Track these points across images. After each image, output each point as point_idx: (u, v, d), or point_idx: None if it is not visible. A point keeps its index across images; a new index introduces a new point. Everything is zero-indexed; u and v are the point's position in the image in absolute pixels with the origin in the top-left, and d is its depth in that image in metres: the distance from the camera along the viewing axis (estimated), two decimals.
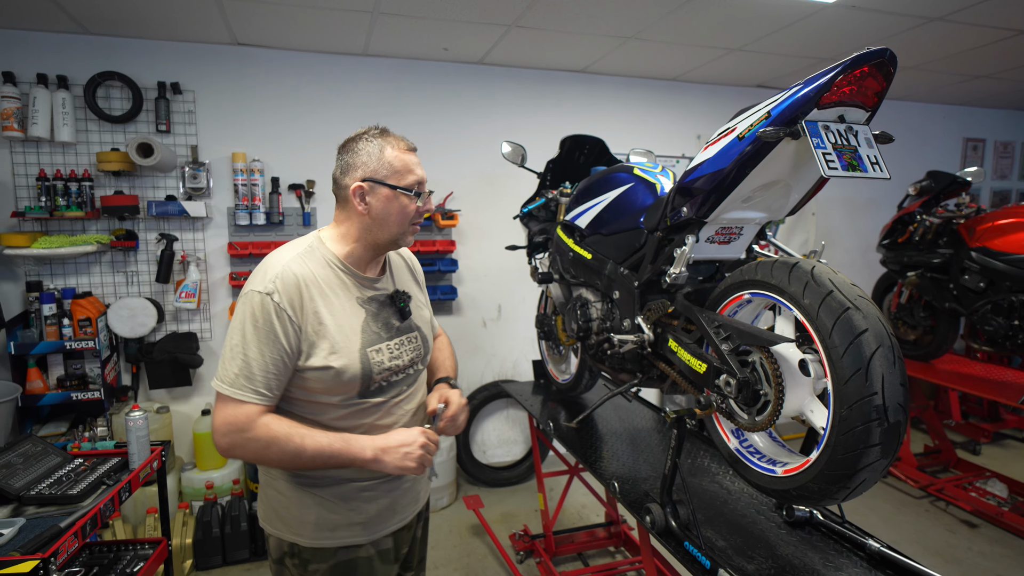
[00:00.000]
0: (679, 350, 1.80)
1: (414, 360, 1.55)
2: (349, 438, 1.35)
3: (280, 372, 1.32)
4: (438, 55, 3.75)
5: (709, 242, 1.81)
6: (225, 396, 1.31)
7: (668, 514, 1.78)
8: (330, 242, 1.47)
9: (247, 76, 3.56)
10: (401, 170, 1.43)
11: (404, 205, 1.44)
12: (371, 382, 1.42)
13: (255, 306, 1.31)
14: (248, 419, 1.29)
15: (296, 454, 1.30)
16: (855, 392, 1.25)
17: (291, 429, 1.31)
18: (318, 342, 1.35)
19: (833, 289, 1.33)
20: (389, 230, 1.45)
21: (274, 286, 1.32)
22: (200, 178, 3.41)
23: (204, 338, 3.59)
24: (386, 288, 1.55)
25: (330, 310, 1.39)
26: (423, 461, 1.39)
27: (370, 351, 1.41)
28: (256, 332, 1.30)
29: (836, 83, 1.34)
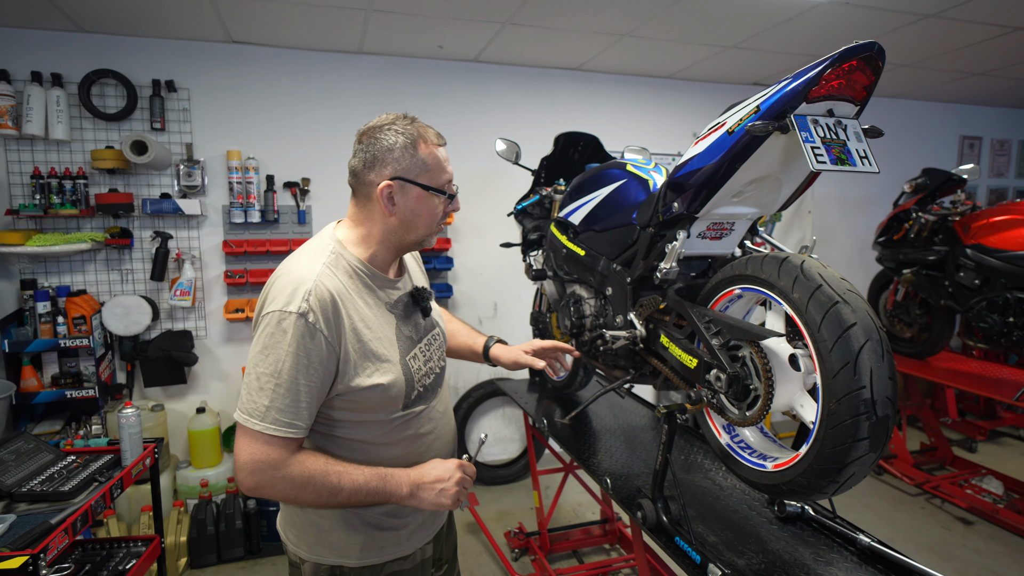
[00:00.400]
0: (671, 345, 1.80)
1: (440, 358, 1.50)
2: (386, 474, 1.25)
3: (316, 401, 1.21)
4: (433, 53, 3.75)
5: (700, 238, 1.81)
6: (252, 431, 1.16)
7: (659, 510, 1.78)
8: (351, 246, 1.33)
9: (242, 74, 3.56)
10: (434, 168, 1.31)
11: (435, 206, 1.34)
12: (412, 391, 1.34)
13: (289, 329, 1.15)
14: (280, 457, 1.16)
15: (332, 494, 1.20)
16: (843, 386, 1.25)
17: (327, 466, 1.21)
18: (361, 362, 1.24)
19: (822, 283, 1.33)
20: (416, 232, 1.34)
21: (308, 305, 1.17)
22: (195, 176, 3.41)
23: (199, 336, 3.59)
24: (404, 286, 1.45)
25: (367, 324, 1.27)
26: (459, 497, 1.31)
27: (408, 359, 1.34)
28: (292, 359, 1.15)
29: (824, 77, 1.34)
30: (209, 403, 3.57)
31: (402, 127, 1.29)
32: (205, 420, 3.37)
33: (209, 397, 3.63)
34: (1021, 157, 5.79)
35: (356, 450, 1.32)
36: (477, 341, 1.82)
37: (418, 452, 1.39)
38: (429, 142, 1.31)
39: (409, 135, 1.28)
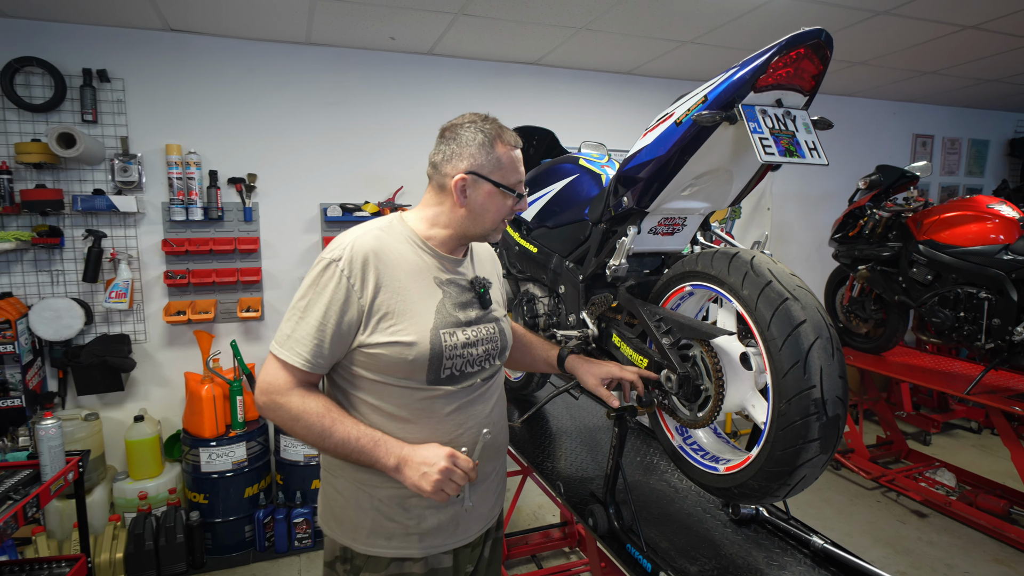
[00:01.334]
0: (622, 345, 1.75)
1: (490, 353, 1.44)
2: (380, 439, 1.26)
3: (332, 342, 1.27)
4: (385, 44, 3.63)
5: (652, 233, 1.76)
6: (273, 354, 1.28)
7: (611, 516, 1.73)
8: (414, 222, 1.41)
9: (182, 64, 3.38)
10: (508, 168, 1.38)
11: (503, 203, 1.39)
12: (441, 367, 1.32)
13: (320, 270, 1.28)
14: (287, 383, 1.26)
15: (321, 436, 1.25)
16: (793, 386, 1.21)
17: (325, 409, 1.26)
18: (386, 317, 1.29)
19: (772, 279, 1.29)
20: (483, 226, 1.40)
21: (342, 253, 1.28)
22: (131, 171, 3.22)
23: (138, 340, 3.40)
24: (467, 273, 1.47)
25: (403, 285, 1.32)
26: (440, 488, 1.23)
27: (443, 332, 1.33)
28: (316, 296, 1.26)
29: (772, 65, 1.29)
30: (149, 410, 3.38)
31: (482, 126, 1.38)
32: (144, 429, 3.20)
33: (149, 404, 3.44)
34: (971, 155, 5.94)
35: (380, 420, 1.32)
36: (552, 353, 1.78)
37: (446, 440, 1.35)
38: (506, 143, 1.39)
39: (488, 134, 1.37)
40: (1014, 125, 6.11)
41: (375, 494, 1.35)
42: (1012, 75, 4.51)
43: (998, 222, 3.19)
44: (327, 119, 3.64)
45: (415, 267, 1.36)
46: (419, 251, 1.39)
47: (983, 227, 3.23)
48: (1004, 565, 3.06)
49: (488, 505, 1.51)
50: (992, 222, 3.21)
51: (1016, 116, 6.10)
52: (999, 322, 3.05)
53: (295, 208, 3.60)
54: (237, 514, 3.22)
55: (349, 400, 1.36)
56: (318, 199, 3.66)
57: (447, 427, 1.36)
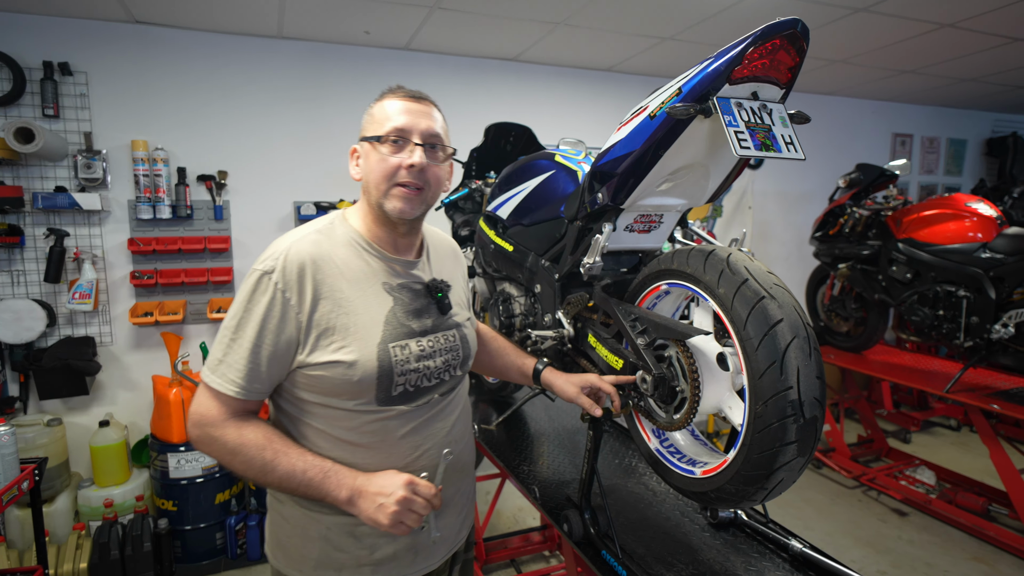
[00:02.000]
0: (597, 346, 1.71)
1: (450, 364, 1.31)
2: (330, 470, 1.13)
3: (269, 365, 1.15)
4: (360, 39, 3.55)
5: (628, 231, 1.72)
6: (204, 382, 1.16)
7: (586, 521, 1.68)
8: (354, 219, 1.30)
9: (148, 57, 3.27)
10: (379, 118, 1.24)
11: (380, 157, 1.23)
12: (392, 385, 1.20)
13: (252, 285, 1.15)
14: (221, 414, 1.14)
15: (263, 471, 1.13)
16: (770, 387, 1.18)
17: (266, 440, 1.13)
18: (326, 333, 1.16)
19: (748, 277, 1.25)
20: (372, 193, 1.25)
21: (275, 264, 1.15)
22: (95, 168, 3.11)
23: (103, 343, 3.29)
24: (422, 275, 1.34)
25: (345, 296, 1.19)
26: (399, 520, 1.10)
27: (393, 347, 1.20)
28: (248, 315, 1.14)
29: (747, 56, 1.26)
30: (116, 415, 3.28)
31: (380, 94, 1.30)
32: (109, 434, 3.09)
33: (116, 408, 3.33)
34: (949, 155, 5.99)
35: (329, 447, 1.21)
36: (526, 362, 1.68)
37: (402, 464, 1.23)
38: (386, 97, 1.28)
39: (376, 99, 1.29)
40: (991, 125, 6.17)
41: (323, 521, 1.23)
42: (988, 74, 4.54)
43: (976, 220, 3.20)
44: (301, 115, 3.56)
45: (360, 273, 1.23)
46: (364, 254, 1.26)
47: (961, 225, 3.24)
48: (983, 563, 3.06)
49: (454, 529, 1.39)
50: (970, 220, 3.21)
51: (993, 116, 6.16)
52: (977, 320, 3.06)
53: (268, 206, 3.51)
54: (208, 521, 3.13)
55: (296, 426, 1.24)
56: (292, 197, 3.58)
57: (404, 450, 1.25)
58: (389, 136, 1.22)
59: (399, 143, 1.22)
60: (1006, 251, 3.00)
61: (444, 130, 1.32)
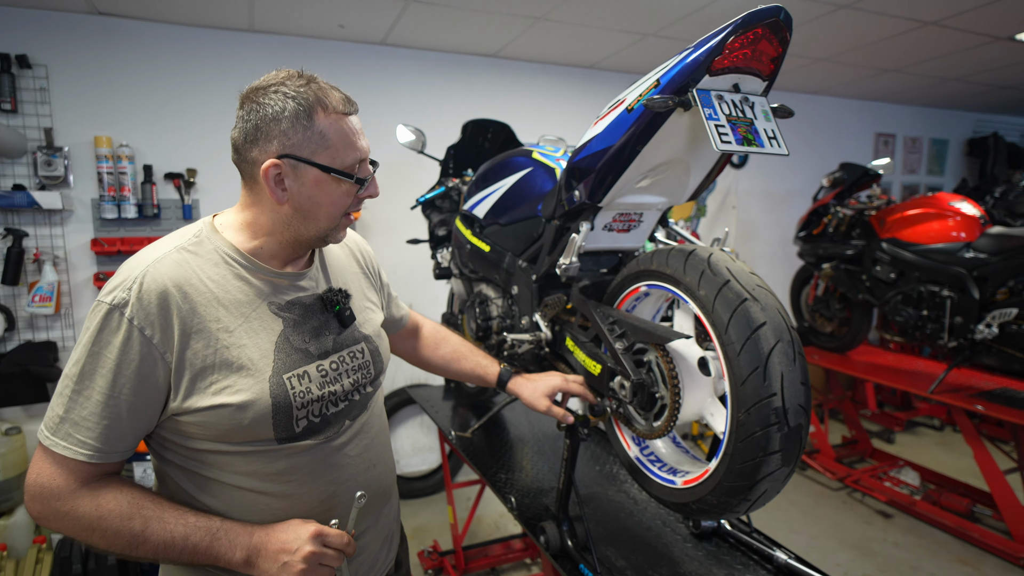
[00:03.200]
0: (575, 350, 1.65)
1: (359, 384, 1.15)
2: (219, 530, 0.96)
3: (131, 421, 0.94)
4: (335, 33, 3.45)
5: (607, 230, 1.66)
6: (42, 445, 0.93)
7: (564, 533, 1.61)
8: (229, 231, 1.06)
9: (112, 50, 3.15)
10: (337, 143, 1.02)
11: (340, 193, 1.04)
12: (293, 420, 1.02)
13: (97, 324, 0.92)
14: (67, 484, 0.92)
15: (133, 544, 0.93)
16: (753, 393, 1.12)
17: (132, 507, 0.93)
18: (204, 374, 0.97)
19: (730, 278, 1.19)
20: (316, 225, 1.05)
21: (127, 296, 0.93)
22: (56, 165, 2.98)
23: (66, 347, 3.16)
24: (314, 287, 1.14)
25: (223, 326, 0.99)
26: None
27: (288, 377, 1.02)
28: (96, 361, 0.92)
29: (728, 45, 1.19)
30: None
31: (294, 89, 1.00)
32: None
33: None
34: (931, 155, 6.01)
35: (238, 503, 1.03)
36: (489, 369, 1.58)
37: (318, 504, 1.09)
38: (332, 109, 1.01)
39: (303, 100, 0.99)
40: (972, 125, 6.21)
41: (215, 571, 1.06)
42: (970, 74, 4.54)
43: (960, 220, 3.18)
44: None
45: (239, 296, 1.02)
46: (242, 271, 1.04)
47: (945, 225, 3.22)
48: (968, 566, 3.04)
49: (378, 552, 1.25)
50: (954, 220, 3.19)
51: (974, 116, 6.19)
52: (961, 320, 3.03)
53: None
54: None
55: (188, 477, 1.03)
56: None
57: (317, 490, 1.09)
58: (355, 170, 1.05)
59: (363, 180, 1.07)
60: (990, 251, 2.98)
61: None
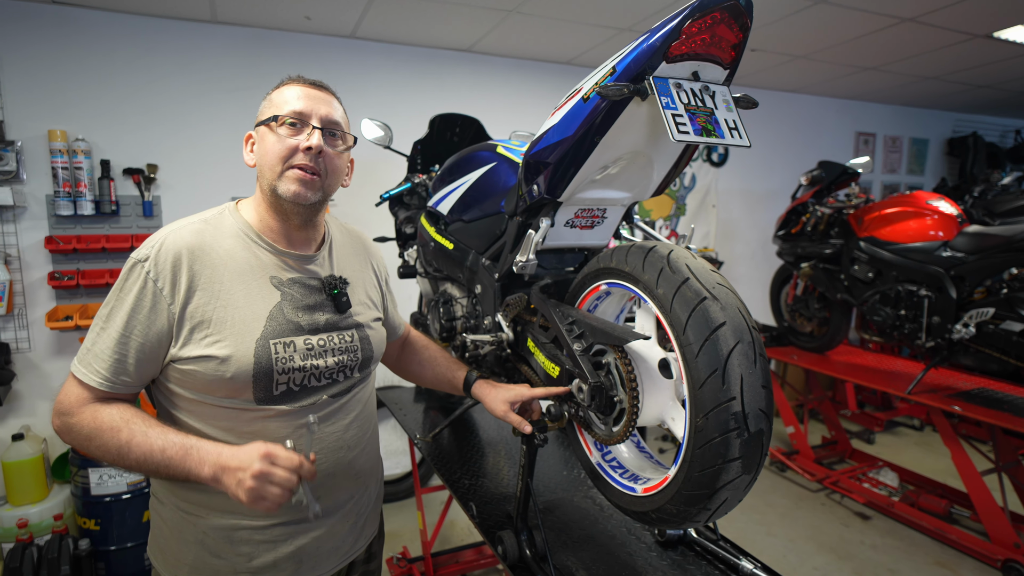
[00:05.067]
0: (536, 351, 1.59)
1: (344, 365, 1.25)
2: (192, 447, 1.05)
3: (137, 358, 1.10)
4: (301, 25, 3.36)
5: (569, 226, 1.60)
6: (71, 371, 1.12)
7: (522, 543, 1.55)
8: (246, 210, 1.25)
9: (67, 41, 3.03)
10: (276, 102, 1.20)
11: (273, 140, 1.18)
12: (272, 383, 1.14)
13: (125, 273, 1.12)
14: (78, 401, 1.09)
15: (120, 454, 1.06)
16: (711, 397, 1.06)
17: (122, 421, 1.07)
18: (200, 326, 1.11)
19: (689, 276, 1.14)
20: (266, 177, 1.20)
21: (149, 253, 1.11)
22: (7, 160, 2.87)
23: (20, 349, 3.04)
24: (319, 271, 1.28)
25: (225, 288, 1.14)
26: (259, 495, 0.99)
27: (274, 343, 1.15)
28: (118, 304, 1.10)
29: (685, 30, 1.13)
30: (34, 427, 3.04)
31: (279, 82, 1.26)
32: (24, 448, 2.85)
33: (35, 420, 3.09)
34: (911, 154, 6.01)
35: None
36: (458, 374, 1.62)
37: None
38: (285, 84, 1.24)
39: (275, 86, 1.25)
40: (952, 124, 6.22)
41: (200, 525, 1.17)
42: (949, 72, 4.53)
43: (937, 218, 3.15)
44: (238, 106, 3.34)
45: (245, 266, 1.18)
46: (253, 247, 1.21)
47: (922, 223, 3.18)
48: (946, 568, 3.00)
49: (346, 535, 1.31)
50: (931, 218, 3.16)
51: (954, 116, 6.21)
52: (939, 320, 3.00)
53: (203, 202, 3.18)
54: (135, 540, 2.90)
55: (172, 422, 1.17)
56: (230, 192, 3.35)
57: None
58: (287, 117, 1.18)
59: (296, 126, 1.18)
60: (967, 249, 2.95)
61: (344, 120, 1.29)
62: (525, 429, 1.44)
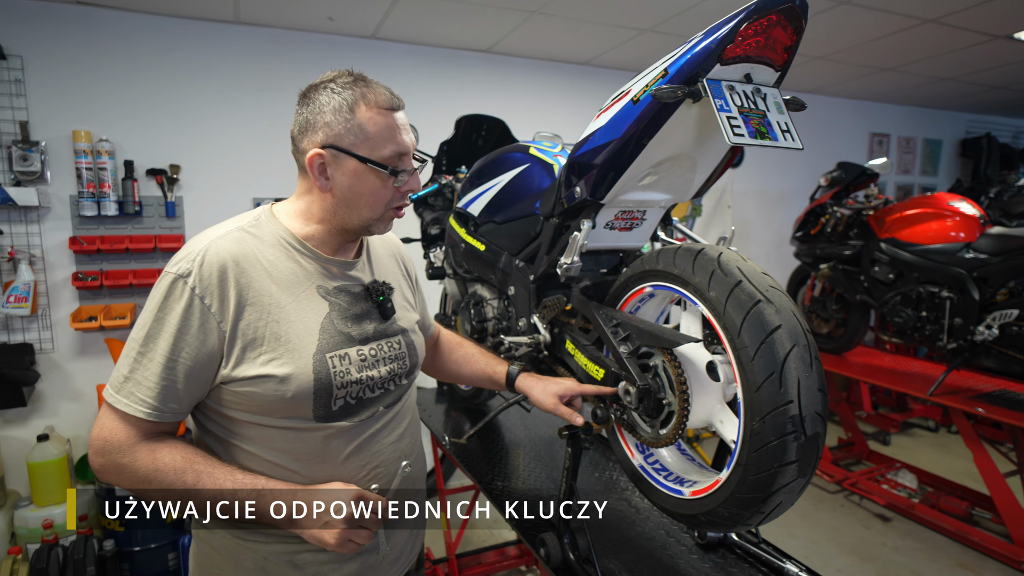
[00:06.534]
0: (576, 353, 1.57)
1: (395, 373, 1.21)
2: (264, 488, 1.01)
3: (187, 382, 1.02)
4: (324, 26, 3.36)
5: (609, 228, 1.59)
6: (108, 403, 1.02)
7: (565, 545, 1.54)
8: (286, 217, 1.16)
9: (91, 42, 3.03)
10: (376, 136, 1.09)
11: (378, 185, 1.11)
12: (331, 399, 1.09)
13: (164, 291, 1.01)
14: (128, 439, 1.00)
15: (185, 496, 1.00)
16: (768, 401, 1.05)
17: (185, 462, 1.00)
18: (253, 344, 1.04)
19: (742, 279, 1.13)
20: (359, 214, 1.13)
21: (191, 267, 1.02)
22: (32, 160, 2.87)
23: (43, 349, 3.04)
24: (361, 277, 1.23)
25: (275, 302, 1.07)
26: (347, 539, 0.99)
27: (331, 356, 1.09)
28: (160, 325, 1.00)
29: (741, 32, 1.13)
30: (58, 428, 3.04)
31: (340, 85, 1.09)
32: (49, 449, 2.85)
33: (58, 421, 3.09)
34: (925, 155, 6.00)
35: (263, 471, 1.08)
36: (498, 369, 1.57)
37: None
38: (374, 104, 1.09)
39: (347, 95, 1.08)
40: (965, 125, 6.21)
41: (259, 551, 1.10)
42: (966, 73, 4.52)
43: (959, 220, 3.14)
44: (260, 106, 3.34)
45: (291, 276, 1.11)
46: (295, 255, 1.13)
47: (944, 225, 3.18)
48: (969, 570, 3.00)
49: (406, 548, 1.29)
50: (953, 220, 3.16)
51: (967, 116, 6.20)
52: (961, 322, 3.00)
53: (225, 203, 3.28)
54: (159, 541, 2.91)
55: (224, 449, 1.11)
56: (251, 193, 3.37)
57: (347, 472, 1.13)
58: (393, 163, 1.12)
59: (400, 172, 1.13)
60: (990, 251, 2.95)
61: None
62: (577, 421, 1.42)
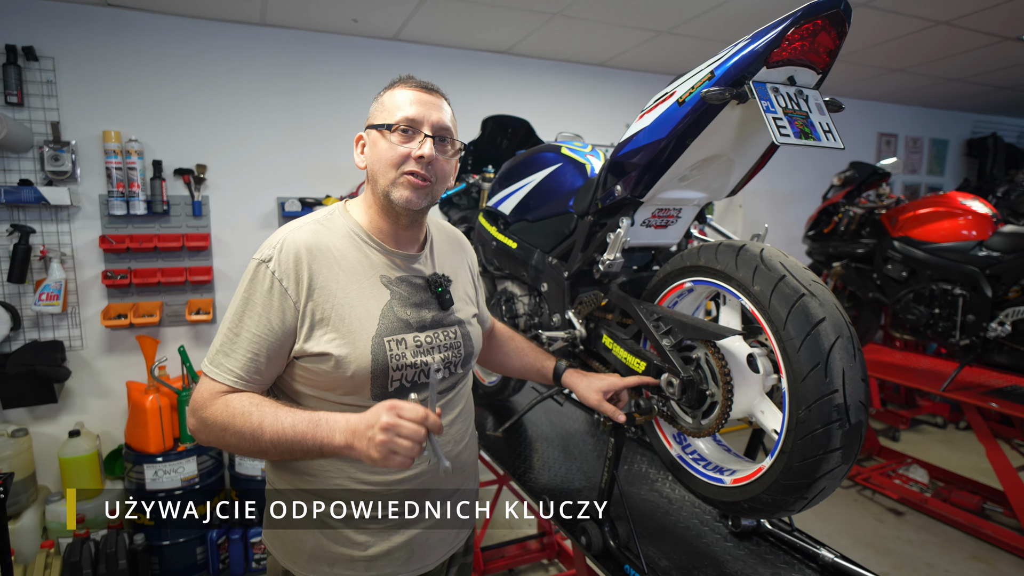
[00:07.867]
0: (614, 347, 1.62)
1: (450, 361, 1.28)
2: (320, 419, 1.06)
3: (267, 355, 1.14)
4: (348, 28, 3.41)
5: (645, 226, 1.64)
6: (203, 373, 1.16)
7: (606, 534, 1.58)
8: (354, 210, 1.29)
9: (121, 43, 3.08)
10: (389, 106, 1.22)
11: (386, 145, 1.21)
12: (388, 380, 1.18)
13: (249, 275, 1.16)
14: (210, 396, 1.12)
15: (254, 437, 1.07)
16: (814, 390, 1.09)
17: (252, 406, 1.09)
18: (320, 323, 1.15)
19: (786, 274, 1.18)
20: (377, 181, 1.23)
21: (271, 253, 1.15)
22: (63, 160, 2.92)
23: (73, 347, 3.09)
24: (423, 269, 1.32)
25: (341, 287, 1.18)
26: (390, 449, 0.98)
27: (388, 340, 1.18)
28: (246, 304, 1.14)
29: (787, 37, 1.18)
30: (87, 424, 3.09)
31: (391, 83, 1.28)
32: (80, 445, 2.90)
33: (87, 417, 3.14)
34: (931, 155, 6.06)
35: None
36: (546, 364, 1.62)
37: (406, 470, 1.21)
38: (398, 84, 1.26)
39: (384, 87, 1.27)
40: (971, 126, 6.27)
41: (320, 513, 1.21)
42: (975, 74, 4.58)
43: (971, 218, 3.19)
44: (284, 106, 3.39)
45: (358, 265, 1.22)
46: (363, 246, 1.25)
47: (957, 223, 3.23)
48: (983, 562, 3.05)
49: (450, 526, 1.34)
50: (965, 218, 3.21)
51: (973, 117, 6.25)
52: (973, 318, 3.05)
53: (250, 202, 3.35)
54: (187, 535, 2.96)
55: None
56: (275, 192, 3.42)
57: None
58: (399, 125, 1.20)
59: (409, 133, 1.20)
60: (1003, 249, 3.00)
61: (453, 124, 1.31)
62: (619, 418, 1.47)
